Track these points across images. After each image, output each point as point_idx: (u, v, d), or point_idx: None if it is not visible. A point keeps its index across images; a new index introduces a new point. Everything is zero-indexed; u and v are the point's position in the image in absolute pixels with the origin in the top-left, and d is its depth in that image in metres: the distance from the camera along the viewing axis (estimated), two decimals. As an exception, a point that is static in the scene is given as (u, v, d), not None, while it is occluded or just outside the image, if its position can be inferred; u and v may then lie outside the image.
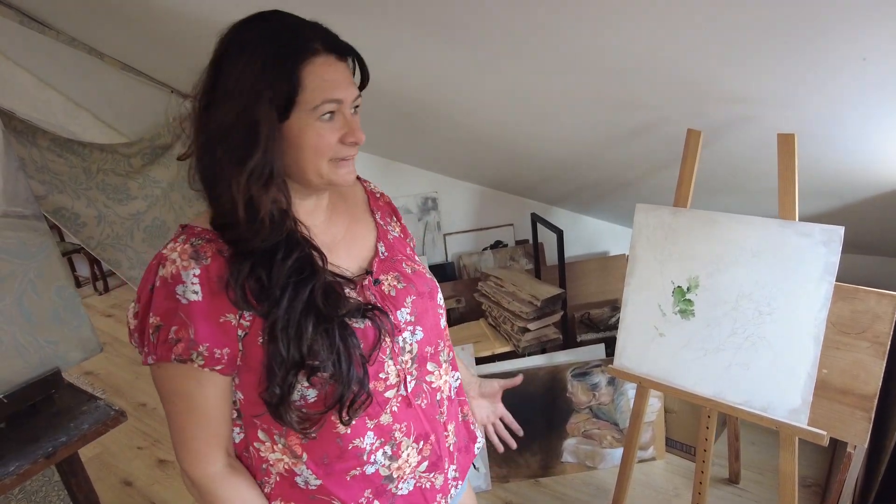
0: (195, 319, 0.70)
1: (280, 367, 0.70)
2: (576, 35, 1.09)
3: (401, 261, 0.89)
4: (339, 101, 0.72)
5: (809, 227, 1.24)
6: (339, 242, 0.84)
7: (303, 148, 0.72)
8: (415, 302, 0.85)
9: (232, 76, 0.68)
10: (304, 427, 0.74)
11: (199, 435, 0.75)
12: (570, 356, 2.17)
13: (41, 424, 1.26)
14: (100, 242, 1.99)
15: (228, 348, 0.72)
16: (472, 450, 0.99)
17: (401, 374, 0.81)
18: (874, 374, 1.21)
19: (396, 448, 0.82)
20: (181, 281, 0.70)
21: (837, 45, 0.93)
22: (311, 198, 0.81)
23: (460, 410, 0.97)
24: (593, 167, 1.98)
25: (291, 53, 0.69)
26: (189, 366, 0.71)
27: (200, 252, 0.71)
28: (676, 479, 2.10)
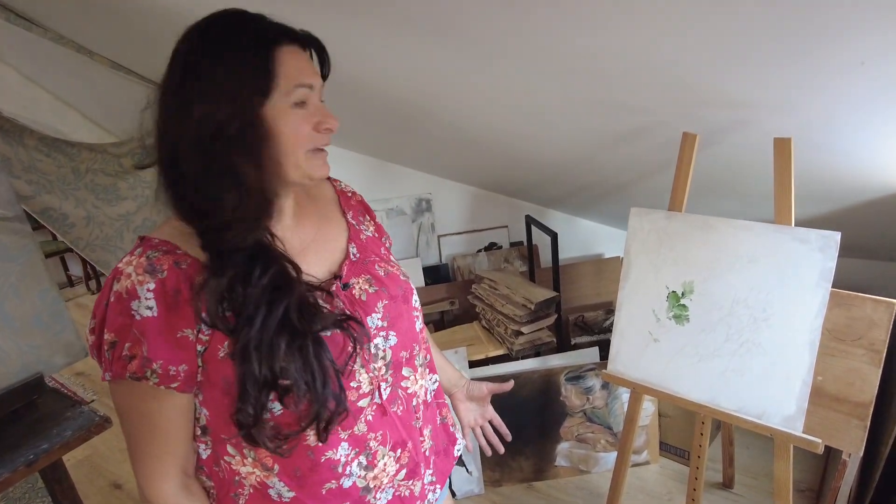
0: (149, 336, 0.68)
1: (253, 388, 0.68)
2: (572, 37, 1.08)
3: (373, 262, 0.86)
4: (310, 87, 0.72)
5: (806, 233, 1.23)
6: (308, 245, 0.82)
7: (280, 136, 0.70)
8: (387, 306, 0.82)
9: (210, 73, 0.67)
10: (278, 446, 0.72)
11: (155, 453, 0.74)
12: (564, 359, 2.16)
13: (23, 431, 1.23)
14: (88, 243, 1.96)
15: (186, 365, 0.70)
16: (452, 453, 0.97)
17: (374, 382, 0.79)
18: (870, 381, 1.19)
19: (372, 458, 0.79)
20: (136, 296, 0.68)
21: (836, 49, 0.92)
22: (278, 200, 0.78)
23: (438, 413, 0.95)
24: (588, 169, 1.96)
25: (262, 42, 0.69)
26: (144, 384, 0.69)
27: (156, 265, 0.69)
28: (670, 483, 2.08)
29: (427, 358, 0.92)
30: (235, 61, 0.68)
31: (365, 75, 1.54)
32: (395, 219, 2.63)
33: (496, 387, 1.10)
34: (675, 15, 0.92)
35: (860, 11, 0.81)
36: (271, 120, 0.70)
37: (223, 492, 0.79)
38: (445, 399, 0.99)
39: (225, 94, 0.67)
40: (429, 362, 0.93)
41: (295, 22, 0.76)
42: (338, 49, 1.37)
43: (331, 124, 0.74)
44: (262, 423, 0.70)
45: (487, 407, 1.12)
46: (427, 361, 0.92)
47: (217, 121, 0.67)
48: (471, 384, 1.11)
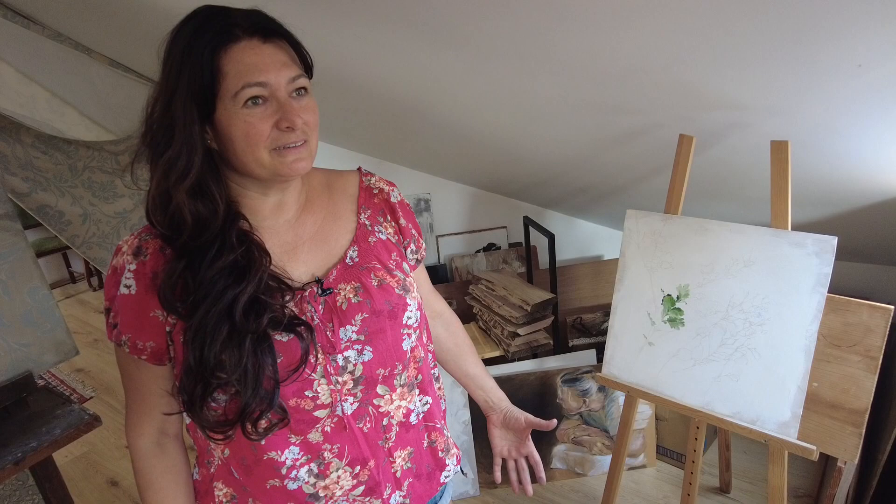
0: (123, 311, 0.74)
1: (188, 376, 0.70)
2: (570, 39, 1.07)
3: (370, 270, 0.82)
4: (263, 85, 0.69)
5: (802, 237, 1.22)
6: (304, 242, 0.81)
7: (234, 139, 0.70)
8: (366, 320, 0.79)
9: (163, 74, 0.69)
10: (218, 432, 0.74)
11: (135, 409, 0.81)
12: (561, 362, 2.15)
13: (12, 429, 1.23)
14: (85, 241, 1.96)
15: (153, 342, 0.75)
16: (437, 478, 0.92)
17: (334, 395, 0.77)
18: (865, 388, 1.18)
19: (324, 467, 0.78)
20: (122, 272, 0.74)
21: (833, 52, 0.91)
22: (274, 194, 0.78)
23: (427, 436, 0.90)
24: (586, 171, 1.95)
25: (207, 43, 0.68)
26: (123, 349, 0.76)
27: (143, 248, 0.74)
28: (666, 487, 2.07)
29: (419, 378, 0.87)
30: (177, 64, 0.68)
31: (364, 75, 1.54)
32: (394, 218, 2.62)
33: (536, 422, 1.00)
34: (673, 17, 0.91)
35: (857, 14, 0.80)
36: (224, 122, 0.69)
37: (201, 456, 0.85)
38: (440, 423, 0.93)
39: (164, 96, 0.69)
40: (420, 383, 0.88)
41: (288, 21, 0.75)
42: (336, 48, 1.38)
43: (290, 122, 0.70)
44: (199, 409, 0.72)
45: (526, 441, 1.02)
46: (418, 382, 0.87)
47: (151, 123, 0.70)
48: (510, 411, 1.03)
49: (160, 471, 0.81)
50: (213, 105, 0.69)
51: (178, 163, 0.69)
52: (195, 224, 0.71)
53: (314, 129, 0.75)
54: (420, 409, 0.88)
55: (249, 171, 0.73)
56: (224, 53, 0.68)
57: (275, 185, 0.77)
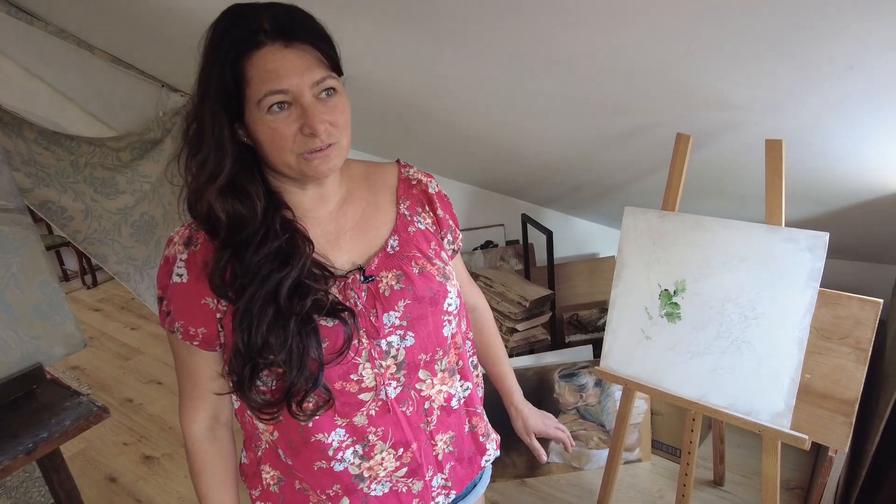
0: (175, 298, 0.77)
1: (237, 358, 0.74)
2: (568, 37, 1.09)
3: (411, 258, 0.84)
4: (285, 92, 0.69)
5: (795, 233, 1.25)
6: (346, 232, 0.83)
7: (262, 143, 0.72)
8: (409, 306, 0.81)
9: (198, 77, 0.72)
10: (266, 413, 0.77)
11: (187, 393, 0.84)
12: (558, 357, 2.18)
13: (22, 420, 1.24)
14: (87, 237, 1.97)
15: (205, 328, 0.77)
16: (478, 462, 0.95)
17: (378, 379, 0.79)
18: (856, 379, 1.22)
19: (369, 449, 0.81)
20: (174, 262, 0.77)
21: (826, 54, 0.94)
22: (312, 188, 0.80)
23: (468, 421, 0.93)
24: (583, 169, 1.98)
25: (232, 49, 0.68)
26: (175, 335, 0.79)
27: (193, 238, 0.77)
28: (662, 480, 2.11)
29: (459, 364, 0.90)
30: (206, 69, 0.71)
31: (362, 73, 1.56)
32: (392, 216, 2.64)
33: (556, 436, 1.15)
34: (670, 17, 0.94)
35: (849, 17, 0.83)
36: (252, 127, 0.72)
37: (249, 440, 0.88)
38: (480, 409, 0.96)
39: (195, 101, 0.72)
40: (460, 369, 0.90)
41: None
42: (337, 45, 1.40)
43: (312, 128, 0.70)
44: (248, 391, 0.75)
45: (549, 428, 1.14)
46: (458, 367, 0.90)
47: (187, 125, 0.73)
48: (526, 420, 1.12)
49: (212, 456, 0.85)
50: (242, 109, 0.71)
51: (208, 165, 0.72)
52: (230, 222, 0.73)
53: (344, 129, 0.75)
54: (461, 394, 0.91)
55: (280, 171, 0.76)
56: (247, 60, 0.69)
57: (310, 181, 0.79)
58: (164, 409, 2.81)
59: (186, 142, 0.74)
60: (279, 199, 0.78)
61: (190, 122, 0.73)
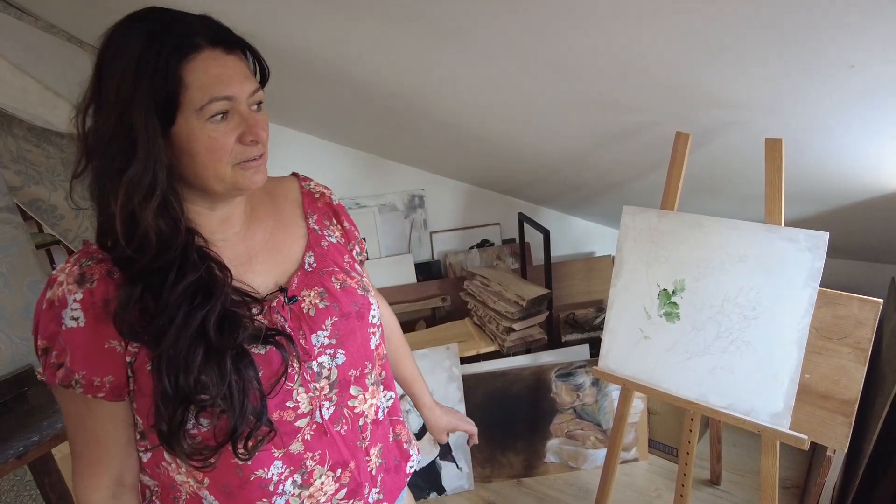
0: (73, 346, 0.66)
1: (166, 405, 0.65)
2: (567, 36, 1.08)
3: (330, 273, 0.81)
4: (230, 98, 0.66)
5: (795, 233, 1.25)
6: (258, 253, 0.78)
7: (196, 153, 0.66)
8: (336, 324, 0.78)
9: (109, 82, 0.63)
10: (199, 459, 0.69)
11: (87, 459, 0.72)
12: (555, 356, 2.18)
13: (12, 423, 1.22)
14: (78, 235, 1.94)
15: (112, 376, 0.68)
16: (404, 469, 0.93)
17: (314, 402, 0.76)
18: (855, 379, 1.22)
19: (308, 476, 0.76)
20: (65, 305, 0.66)
21: (826, 52, 0.94)
22: (222, 207, 0.75)
23: (391, 430, 0.91)
24: (581, 168, 1.98)
25: (169, 51, 0.63)
26: (72, 391, 0.68)
27: (87, 274, 0.67)
28: (658, 479, 2.11)
29: (382, 375, 0.88)
30: (133, 72, 0.62)
31: (360, 71, 1.54)
32: (388, 215, 2.63)
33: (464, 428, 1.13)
34: (669, 15, 0.93)
35: (851, 17, 0.83)
36: (185, 135, 0.65)
37: (165, 492, 0.78)
38: (401, 416, 0.94)
39: (117, 108, 0.63)
40: (384, 379, 0.88)
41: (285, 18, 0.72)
42: (336, 44, 1.38)
43: (256, 136, 0.68)
44: (178, 439, 0.67)
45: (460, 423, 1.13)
46: (381, 378, 0.87)
47: (102, 137, 0.64)
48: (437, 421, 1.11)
49: None
50: (174, 118, 0.65)
51: (144, 180, 0.64)
52: (159, 243, 0.66)
53: (267, 143, 0.72)
54: (385, 404, 0.88)
55: (206, 186, 0.70)
56: (187, 64, 0.64)
57: (223, 199, 0.74)
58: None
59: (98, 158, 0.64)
60: (188, 226, 0.70)
61: (106, 135, 0.63)
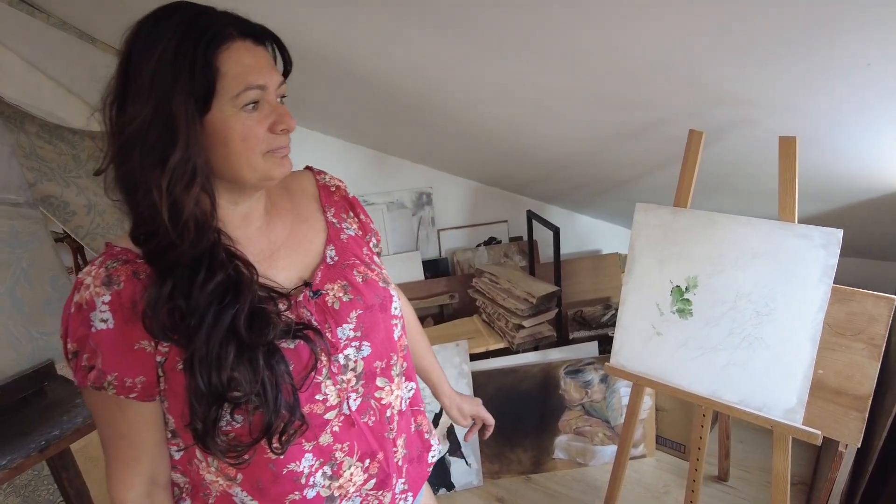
0: (103, 348, 0.67)
1: (200, 402, 0.66)
2: (580, 32, 1.09)
3: (352, 266, 0.82)
4: (262, 87, 0.68)
5: (809, 230, 1.26)
6: (279, 248, 0.79)
7: (230, 141, 0.67)
8: (361, 316, 0.79)
9: (143, 72, 0.63)
10: (234, 455, 0.70)
11: (121, 458, 0.73)
12: (564, 354, 2.18)
13: (32, 418, 1.22)
14: (89, 232, 1.94)
15: (143, 376, 0.69)
16: (426, 459, 0.94)
17: (341, 394, 0.77)
18: (869, 375, 1.23)
19: (337, 468, 0.77)
20: (93, 308, 0.67)
21: (843, 50, 0.94)
22: (245, 202, 0.76)
23: (413, 420, 0.92)
24: (591, 165, 1.98)
25: (205, 39, 0.64)
26: (104, 393, 0.69)
27: (113, 276, 0.68)
28: (666, 476, 2.12)
29: (404, 366, 0.88)
30: (170, 61, 0.63)
31: (371, 67, 1.55)
32: (396, 212, 2.64)
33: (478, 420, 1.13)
34: (687, 14, 0.94)
35: (867, 13, 0.83)
36: (220, 124, 0.66)
37: (196, 489, 0.79)
38: (421, 406, 0.95)
39: (154, 97, 0.63)
40: (406, 370, 0.89)
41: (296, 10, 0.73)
42: (343, 39, 1.39)
43: (287, 125, 0.69)
44: (213, 436, 0.68)
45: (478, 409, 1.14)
46: (404, 370, 0.88)
47: (140, 126, 0.63)
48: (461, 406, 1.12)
49: None
50: (209, 106, 0.66)
51: (187, 167, 0.64)
52: (196, 231, 0.67)
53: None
54: (406, 395, 0.89)
55: (237, 175, 0.70)
56: (222, 53, 0.65)
57: (247, 192, 0.75)
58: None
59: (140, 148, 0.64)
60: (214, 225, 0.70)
61: (143, 124, 0.63)
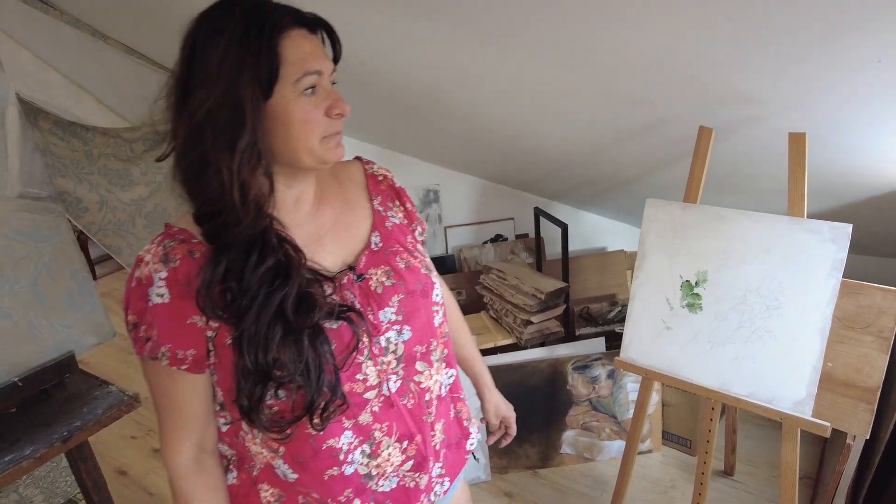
0: (158, 321, 0.72)
1: (247, 380, 0.70)
2: (590, 31, 1.10)
3: (395, 253, 0.85)
4: (319, 73, 0.71)
5: (818, 225, 1.28)
6: (326, 233, 0.82)
7: (291, 125, 0.70)
8: (403, 301, 0.81)
9: (210, 60, 0.67)
10: (276, 431, 0.74)
11: (171, 426, 0.78)
12: (571, 349, 2.20)
13: (53, 409, 1.24)
14: (101, 228, 1.96)
15: (194, 349, 0.73)
16: (464, 446, 0.97)
17: (381, 375, 0.80)
18: (878, 367, 1.25)
19: (376, 447, 0.80)
20: (151, 283, 0.71)
21: (853, 47, 0.95)
22: (298, 185, 0.79)
23: (453, 407, 0.94)
24: (598, 163, 2.00)
25: (267, 28, 0.68)
26: (158, 363, 0.73)
27: (170, 254, 0.72)
28: (673, 470, 2.14)
29: (445, 353, 0.91)
30: (236, 48, 0.66)
31: (381, 65, 1.56)
32: (403, 210, 2.65)
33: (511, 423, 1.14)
34: (696, 12, 0.95)
35: (878, 10, 0.84)
36: (282, 108, 0.69)
37: (241, 461, 0.83)
38: (461, 394, 0.98)
39: (222, 83, 0.66)
40: (446, 357, 0.92)
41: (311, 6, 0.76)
42: (354, 37, 1.39)
43: (342, 109, 0.73)
44: (258, 412, 0.72)
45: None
46: (444, 356, 0.91)
47: (209, 111, 0.66)
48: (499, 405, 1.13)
49: (202, 489, 0.80)
50: (272, 91, 0.69)
51: (254, 150, 0.68)
52: (256, 210, 0.70)
53: None
54: (446, 381, 0.92)
55: (294, 158, 0.73)
56: (283, 40, 0.68)
57: (301, 176, 0.78)
58: (172, 403, 2.80)
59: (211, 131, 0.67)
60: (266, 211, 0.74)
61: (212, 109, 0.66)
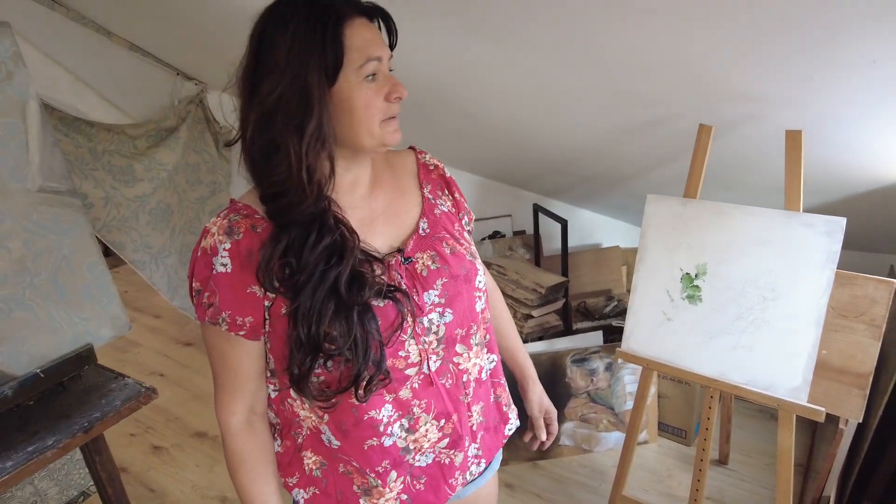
0: (221, 288, 0.77)
1: (299, 350, 0.75)
2: (593, 30, 1.13)
3: (442, 239, 0.89)
4: (380, 59, 0.75)
5: (813, 218, 1.33)
6: (378, 217, 0.86)
7: (354, 109, 0.74)
8: (446, 284, 0.85)
9: (277, 50, 0.70)
10: (322, 400, 0.79)
11: (226, 386, 0.83)
12: (570, 343, 2.25)
13: (72, 401, 1.26)
14: (105, 224, 1.96)
15: (252, 317, 0.78)
16: (502, 431, 1.01)
17: (422, 354, 0.83)
18: (870, 354, 1.31)
19: (414, 422, 0.85)
20: (216, 253, 0.76)
21: (848, 47, 0.99)
22: (356, 169, 0.83)
23: (493, 391, 0.99)
24: (598, 160, 2.04)
25: (331, 17, 0.71)
26: (218, 328, 0.78)
27: (234, 227, 0.77)
28: (669, 461, 2.19)
29: (486, 338, 0.95)
30: (302, 37, 0.70)
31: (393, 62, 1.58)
32: (402, 207, 2.67)
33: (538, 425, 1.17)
34: (696, 11, 0.98)
35: (874, 10, 0.88)
36: (346, 93, 0.73)
37: (286, 428, 0.88)
38: (501, 379, 1.02)
39: (290, 71, 0.70)
40: (488, 342, 0.96)
41: None
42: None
43: (401, 93, 0.76)
44: (306, 381, 0.77)
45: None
46: (485, 341, 0.94)
47: (278, 97, 0.71)
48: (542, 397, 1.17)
49: (251, 448, 0.85)
50: (336, 77, 0.72)
51: (321, 133, 0.72)
52: (318, 192, 0.75)
53: None
54: (488, 366, 0.96)
55: (356, 141, 0.77)
56: (346, 29, 0.72)
57: (359, 160, 0.82)
58: (169, 401, 2.80)
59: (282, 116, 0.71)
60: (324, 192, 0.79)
61: (283, 94, 0.71)
